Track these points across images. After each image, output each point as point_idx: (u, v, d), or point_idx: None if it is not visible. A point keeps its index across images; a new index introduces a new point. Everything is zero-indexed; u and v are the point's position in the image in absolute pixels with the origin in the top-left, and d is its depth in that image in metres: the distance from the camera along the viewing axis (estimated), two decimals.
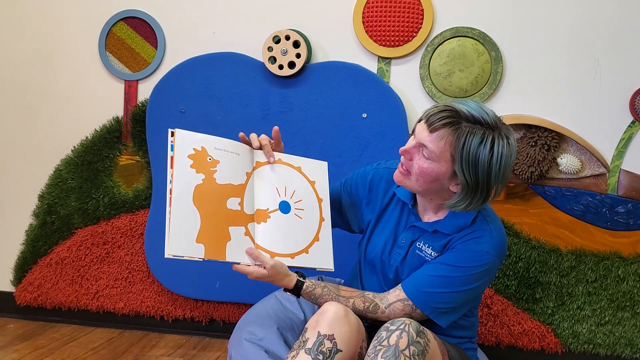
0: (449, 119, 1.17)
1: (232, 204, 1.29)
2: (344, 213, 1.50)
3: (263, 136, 1.39)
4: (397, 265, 1.33)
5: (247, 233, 1.29)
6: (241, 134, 1.38)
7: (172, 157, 1.25)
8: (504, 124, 1.21)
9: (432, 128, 1.18)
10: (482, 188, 1.19)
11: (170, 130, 1.27)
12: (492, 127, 1.18)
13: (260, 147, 1.38)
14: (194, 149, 1.28)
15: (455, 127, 1.17)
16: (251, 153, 1.37)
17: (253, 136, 1.39)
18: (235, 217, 1.28)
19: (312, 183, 1.41)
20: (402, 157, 1.27)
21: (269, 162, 1.38)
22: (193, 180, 1.25)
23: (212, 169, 1.28)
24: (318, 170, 1.44)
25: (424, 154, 1.21)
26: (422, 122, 1.22)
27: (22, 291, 2.25)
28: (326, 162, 1.46)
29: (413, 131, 1.26)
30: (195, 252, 1.20)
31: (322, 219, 1.39)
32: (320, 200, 1.40)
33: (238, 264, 1.25)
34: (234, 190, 1.30)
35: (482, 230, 1.27)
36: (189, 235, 1.21)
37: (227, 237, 1.25)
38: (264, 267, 1.24)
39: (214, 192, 1.27)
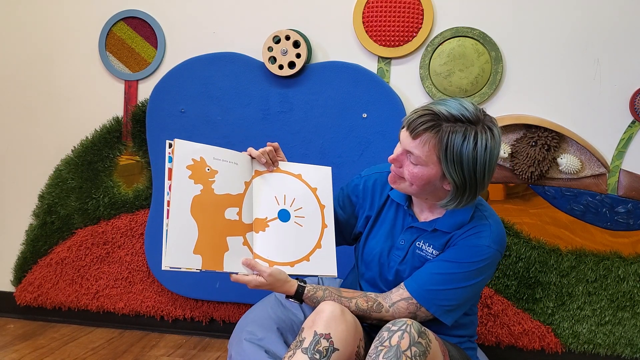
0: (429, 122, 1.17)
1: (230, 214, 1.29)
2: (341, 228, 1.48)
3: (262, 149, 1.38)
4: (397, 267, 1.33)
5: (245, 243, 1.29)
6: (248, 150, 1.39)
7: (169, 169, 1.25)
8: (487, 115, 1.21)
9: (414, 134, 1.18)
10: (471, 184, 1.20)
11: (168, 141, 1.27)
12: (473, 122, 1.17)
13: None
14: (192, 159, 1.28)
15: (436, 130, 1.17)
16: (250, 162, 1.37)
17: (255, 153, 1.38)
18: (233, 227, 1.28)
19: (314, 190, 1.41)
20: (392, 165, 1.27)
21: (267, 171, 1.38)
22: (191, 191, 1.25)
23: (210, 179, 1.29)
24: (320, 176, 1.43)
25: (411, 160, 1.21)
26: (405, 129, 1.22)
27: (22, 291, 2.25)
28: (330, 168, 1.45)
29: (399, 138, 1.26)
30: (193, 263, 1.21)
31: (324, 226, 1.38)
32: (322, 207, 1.40)
33: (236, 273, 1.25)
34: (232, 200, 1.30)
35: (482, 225, 1.28)
36: (186, 247, 1.21)
37: (225, 248, 1.25)
38: (262, 276, 1.24)
39: (211, 203, 1.27)
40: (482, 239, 1.26)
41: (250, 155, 1.38)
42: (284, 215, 1.35)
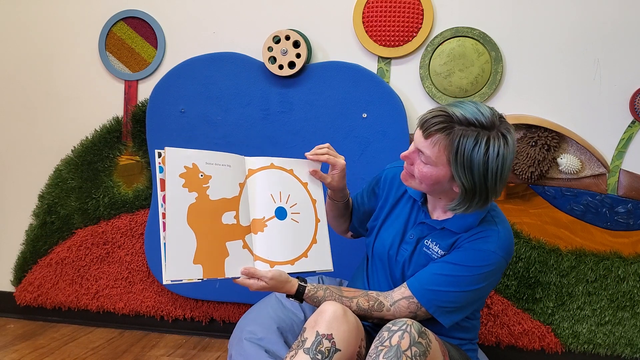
0: (441, 124, 1.17)
1: (228, 218, 1.27)
2: (366, 219, 1.50)
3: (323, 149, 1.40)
4: (404, 262, 1.34)
5: (245, 246, 1.28)
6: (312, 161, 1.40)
7: (161, 180, 1.22)
8: (504, 121, 1.20)
9: (426, 134, 1.19)
10: (480, 190, 1.19)
11: (157, 151, 1.24)
12: (487, 127, 1.17)
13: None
14: (185, 167, 1.25)
15: (448, 132, 1.17)
16: (242, 162, 1.35)
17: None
18: (231, 231, 1.27)
19: (305, 185, 1.40)
20: (404, 162, 1.28)
21: (260, 169, 1.36)
22: (186, 201, 1.23)
23: (204, 185, 1.26)
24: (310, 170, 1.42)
25: (422, 159, 1.22)
26: (418, 127, 1.22)
27: (22, 291, 2.24)
28: (320, 163, 1.44)
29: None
30: (194, 273, 1.19)
31: (317, 220, 1.38)
32: (314, 202, 1.39)
33: (238, 278, 1.25)
34: (228, 204, 1.28)
35: (490, 230, 1.27)
36: (185, 258, 1.19)
37: (225, 253, 1.24)
38: (263, 280, 1.24)
39: (208, 210, 1.25)
40: (489, 244, 1.25)
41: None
42: (280, 213, 1.34)
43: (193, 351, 2.02)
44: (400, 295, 1.28)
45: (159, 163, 1.23)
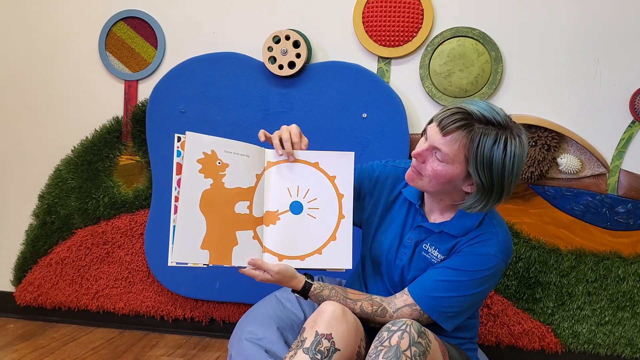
0: (461, 121, 1.16)
1: (241, 207, 1.27)
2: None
3: (284, 134, 1.33)
4: (403, 266, 1.33)
5: (256, 236, 1.27)
6: (261, 133, 1.33)
7: (178, 164, 1.22)
8: (514, 122, 1.21)
9: (445, 131, 1.17)
10: (497, 188, 1.19)
11: (176, 135, 1.24)
12: (503, 126, 1.17)
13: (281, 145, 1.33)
14: (203, 152, 1.25)
15: (468, 130, 1.16)
16: (262, 154, 1.33)
17: (273, 136, 1.33)
18: (243, 221, 1.26)
19: (332, 178, 1.34)
20: (413, 160, 1.25)
21: (281, 162, 1.33)
22: (201, 186, 1.23)
23: (220, 173, 1.26)
24: (340, 163, 1.34)
25: (437, 157, 1.20)
26: (434, 124, 1.20)
27: (22, 291, 2.25)
28: (352, 153, 1.34)
29: (423, 133, 1.25)
30: (200, 258, 1.20)
31: (341, 217, 1.33)
32: (340, 197, 1.33)
33: (244, 267, 1.25)
34: (242, 194, 1.28)
35: (489, 233, 1.27)
36: (193, 242, 1.19)
37: (234, 242, 1.24)
38: (270, 274, 1.24)
39: (221, 197, 1.25)
40: (488, 248, 1.25)
41: (268, 141, 1.33)
42: (296, 208, 1.32)
43: (193, 351, 2.02)
44: (402, 303, 1.27)
45: (178, 147, 1.23)
